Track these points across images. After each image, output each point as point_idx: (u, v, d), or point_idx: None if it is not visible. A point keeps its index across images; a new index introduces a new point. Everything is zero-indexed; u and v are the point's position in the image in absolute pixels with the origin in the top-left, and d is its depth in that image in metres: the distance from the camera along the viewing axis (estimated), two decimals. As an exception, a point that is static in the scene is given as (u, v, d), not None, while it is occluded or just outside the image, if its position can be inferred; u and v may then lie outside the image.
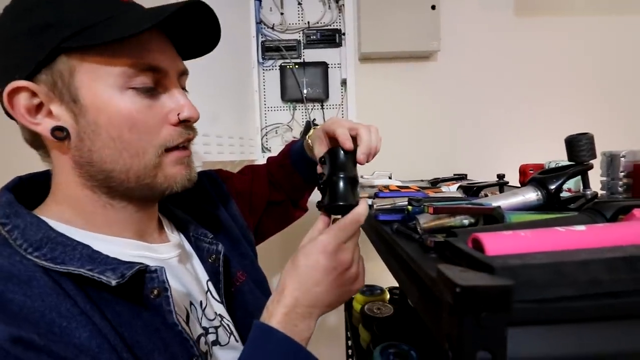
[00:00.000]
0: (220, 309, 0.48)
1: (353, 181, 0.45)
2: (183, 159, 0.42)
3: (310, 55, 1.27)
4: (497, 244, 0.26)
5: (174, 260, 0.45)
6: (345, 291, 0.41)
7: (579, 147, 0.41)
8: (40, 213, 0.38)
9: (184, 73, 0.43)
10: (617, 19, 1.23)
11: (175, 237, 0.49)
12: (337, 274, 0.39)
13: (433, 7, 1.13)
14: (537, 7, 1.22)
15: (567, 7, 1.22)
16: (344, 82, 1.25)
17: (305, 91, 1.25)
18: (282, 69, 1.26)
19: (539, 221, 0.34)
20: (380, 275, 1.23)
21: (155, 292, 0.36)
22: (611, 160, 0.45)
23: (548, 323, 0.24)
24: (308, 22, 1.26)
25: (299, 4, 1.26)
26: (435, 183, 0.74)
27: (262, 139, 1.28)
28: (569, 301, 0.24)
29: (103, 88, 0.35)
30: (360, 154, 0.47)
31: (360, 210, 0.42)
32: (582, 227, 0.28)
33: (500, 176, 0.58)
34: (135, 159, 0.38)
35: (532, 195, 0.41)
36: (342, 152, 0.46)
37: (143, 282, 0.36)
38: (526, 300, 0.23)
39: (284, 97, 1.27)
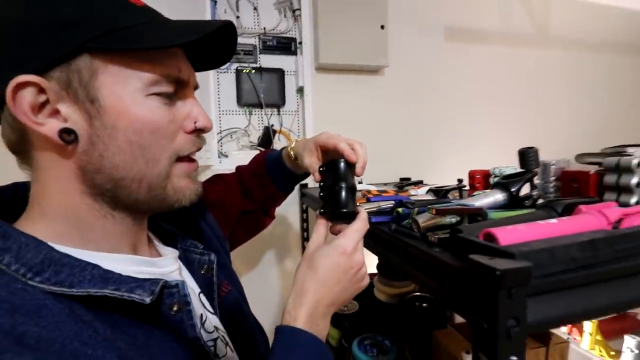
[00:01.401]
0: (215, 320, 0.47)
1: (353, 190, 0.49)
2: (191, 172, 0.41)
3: (267, 61, 1.28)
4: (506, 236, 0.34)
5: (176, 273, 0.43)
6: (358, 288, 0.45)
7: (529, 157, 0.53)
8: (25, 231, 0.33)
9: (196, 87, 0.43)
10: (519, 49, 1.53)
11: (168, 249, 0.47)
12: (354, 273, 0.43)
13: (382, 27, 1.25)
14: (461, 36, 1.44)
15: (482, 38, 1.48)
16: (300, 90, 1.29)
17: (262, 96, 1.26)
18: (238, 72, 1.25)
19: (518, 217, 0.43)
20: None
21: (176, 307, 0.36)
22: (544, 167, 0.59)
23: (547, 292, 0.32)
24: (264, 28, 1.27)
25: (255, 9, 1.26)
26: (401, 187, 0.83)
27: (217, 144, 1.24)
28: (558, 275, 0.32)
29: (127, 91, 0.34)
30: (358, 167, 0.50)
31: (365, 216, 0.47)
32: (554, 221, 0.37)
33: (460, 181, 0.70)
34: (149, 165, 0.36)
35: (500, 197, 0.51)
36: (342, 164, 0.49)
37: (161, 298, 0.35)
38: (535, 276, 0.31)
39: (240, 101, 1.26)
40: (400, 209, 0.55)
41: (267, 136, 1.25)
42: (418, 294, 0.83)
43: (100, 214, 0.36)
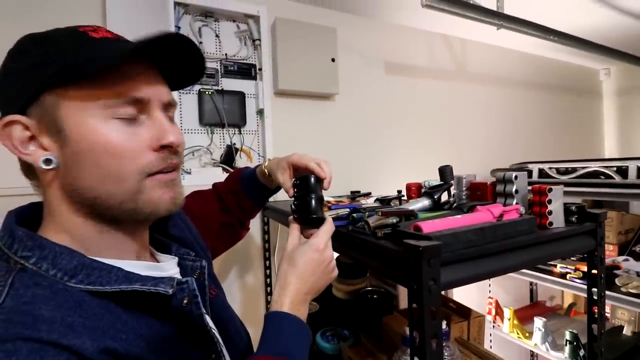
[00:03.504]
0: (209, 320, 0.49)
1: (322, 200, 0.61)
2: (167, 182, 0.43)
3: (228, 84, 1.38)
4: (428, 227, 0.49)
5: (178, 276, 0.49)
6: (329, 278, 0.56)
7: (446, 173, 0.71)
8: None
9: (170, 104, 0.44)
10: (443, 83, 1.83)
11: (167, 256, 0.52)
12: (325, 266, 0.54)
13: (333, 60, 1.43)
14: (398, 70, 1.69)
15: (414, 72, 1.74)
16: (260, 112, 1.40)
17: (224, 116, 1.34)
18: (200, 94, 1.32)
19: (437, 216, 0.59)
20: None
21: (186, 300, 0.42)
22: (458, 180, 0.78)
23: (453, 263, 0.48)
24: (226, 54, 1.37)
25: (217, 36, 1.36)
26: (353, 197, 0.98)
27: (180, 161, 1.28)
28: (460, 250, 0.48)
29: (86, 119, 0.37)
30: (326, 182, 0.62)
31: (331, 220, 0.59)
32: (459, 216, 0.54)
33: (399, 191, 0.87)
34: (117, 185, 0.39)
35: (427, 202, 0.68)
36: (313, 179, 0.60)
37: (174, 293, 0.40)
38: (445, 251, 0.46)
39: (202, 120, 1.32)
40: (354, 214, 0.69)
41: (230, 154, 1.34)
42: (370, 288, 0.98)
43: (96, 229, 0.41)
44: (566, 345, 1.40)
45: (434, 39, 1.80)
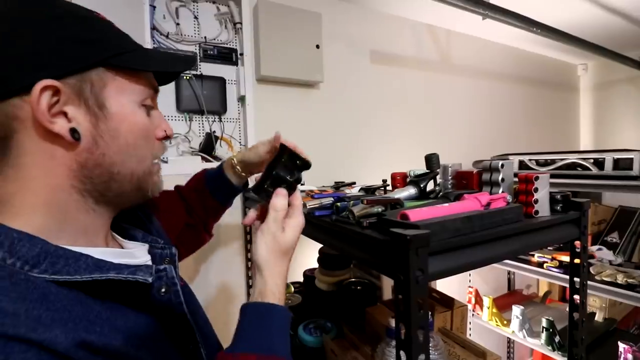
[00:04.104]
0: (187, 310, 0.51)
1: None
2: (160, 170, 0.48)
3: (208, 69, 1.31)
4: (415, 215, 0.47)
5: (149, 263, 0.47)
6: (295, 226, 0.49)
7: (432, 161, 0.69)
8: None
9: None
10: (428, 74, 1.82)
11: (134, 243, 0.50)
12: (281, 218, 0.49)
13: (317, 47, 1.38)
14: (383, 59, 1.66)
15: (400, 62, 1.72)
16: (241, 99, 1.35)
17: (203, 103, 1.28)
18: (178, 79, 1.25)
19: (423, 204, 0.57)
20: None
21: (164, 289, 0.40)
22: (444, 169, 0.77)
23: (441, 253, 0.46)
24: (205, 37, 1.30)
25: (195, 17, 1.29)
26: (337, 187, 0.95)
27: (156, 149, 1.22)
28: (448, 239, 0.47)
29: (127, 102, 0.41)
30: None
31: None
32: (447, 205, 0.52)
33: (384, 181, 0.85)
34: (139, 164, 0.43)
35: (412, 191, 0.66)
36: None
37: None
38: (433, 241, 0.44)
39: (180, 107, 1.26)
40: (338, 204, 0.66)
41: (209, 142, 1.28)
42: (353, 279, 0.96)
43: (84, 209, 0.40)
44: (542, 332, 1.45)
45: (420, 29, 1.78)
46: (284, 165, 0.53)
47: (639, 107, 2.32)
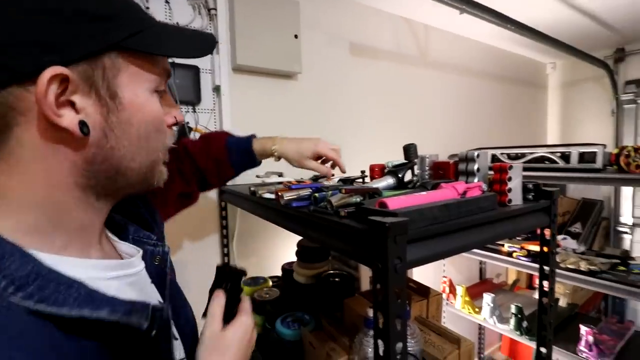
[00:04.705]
0: (175, 348, 0.46)
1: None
2: (167, 158, 0.43)
3: (180, 56, 1.25)
4: (393, 203, 0.46)
5: (144, 272, 0.44)
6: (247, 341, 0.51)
7: (410, 151, 0.69)
8: None
9: None
10: (406, 67, 1.83)
11: (128, 246, 0.46)
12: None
13: (296, 36, 1.35)
14: (363, 51, 1.66)
15: (379, 55, 1.73)
16: (216, 89, 1.30)
17: (175, 93, 1.22)
18: (148, 66, 1.19)
19: (401, 193, 0.57)
20: (261, 268, 1.35)
21: (155, 331, 0.34)
22: (422, 159, 0.77)
23: (419, 240, 0.46)
24: (177, 23, 1.24)
25: (167, 1, 1.23)
26: (316, 179, 0.94)
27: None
28: (426, 227, 0.46)
29: (140, 90, 0.36)
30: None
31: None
32: (424, 193, 0.52)
33: (363, 172, 0.84)
34: (149, 156, 0.39)
35: (391, 181, 0.65)
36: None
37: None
38: (411, 228, 0.44)
39: (151, 96, 1.20)
40: (317, 194, 0.65)
41: (182, 133, 1.23)
42: (331, 272, 0.96)
43: (83, 206, 0.36)
44: (511, 318, 1.51)
45: (398, 22, 1.79)
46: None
47: (603, 104, 2.45)
